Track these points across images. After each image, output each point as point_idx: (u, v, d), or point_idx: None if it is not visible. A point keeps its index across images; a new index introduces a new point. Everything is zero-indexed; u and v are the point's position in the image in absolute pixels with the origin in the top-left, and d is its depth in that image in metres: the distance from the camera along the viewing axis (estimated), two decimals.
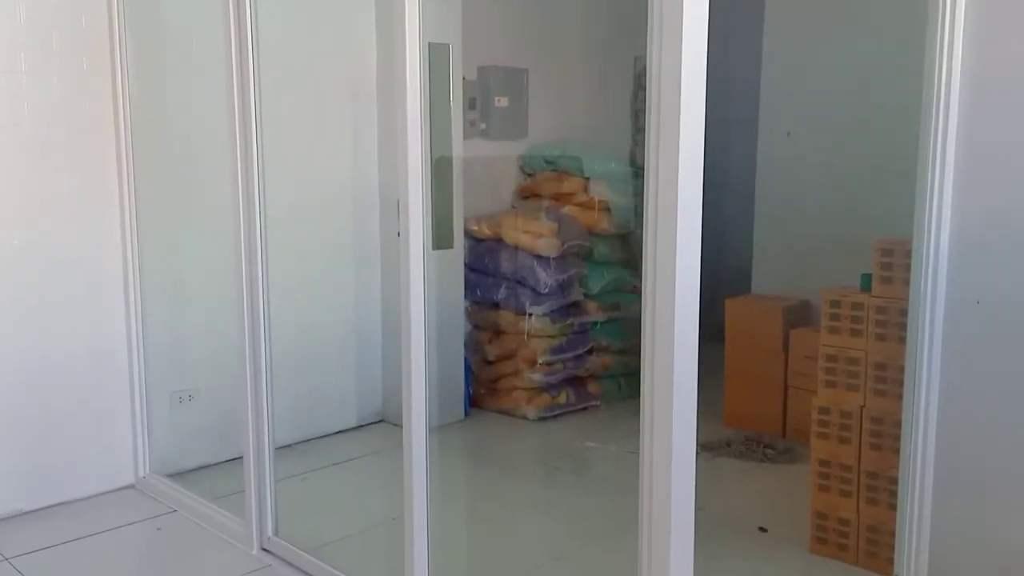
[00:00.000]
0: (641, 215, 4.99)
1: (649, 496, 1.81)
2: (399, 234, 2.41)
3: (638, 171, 4.99)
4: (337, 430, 4.11)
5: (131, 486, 3.46)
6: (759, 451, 3.84)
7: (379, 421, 4.25)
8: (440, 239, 3.80)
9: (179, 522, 3.16)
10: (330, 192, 4.02)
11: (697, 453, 3.99)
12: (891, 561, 2.65)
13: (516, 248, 4.27)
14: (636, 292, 4.77)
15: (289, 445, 3.89)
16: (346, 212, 4.10)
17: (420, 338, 2.49)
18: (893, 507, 2.65)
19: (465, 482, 3.64)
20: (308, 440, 3.98)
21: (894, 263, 2.67)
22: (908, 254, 2.56)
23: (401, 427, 2.50)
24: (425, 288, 2.48)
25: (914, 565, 2.57)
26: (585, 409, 4.44)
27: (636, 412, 4.66)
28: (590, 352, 4.45)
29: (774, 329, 4.04)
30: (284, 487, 3.28)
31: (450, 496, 3.42)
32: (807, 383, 3.90)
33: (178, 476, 3.46)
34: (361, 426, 4.20)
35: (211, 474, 3.52)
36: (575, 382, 4.43)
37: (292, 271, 3.74)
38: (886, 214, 3.48)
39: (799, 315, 4.09)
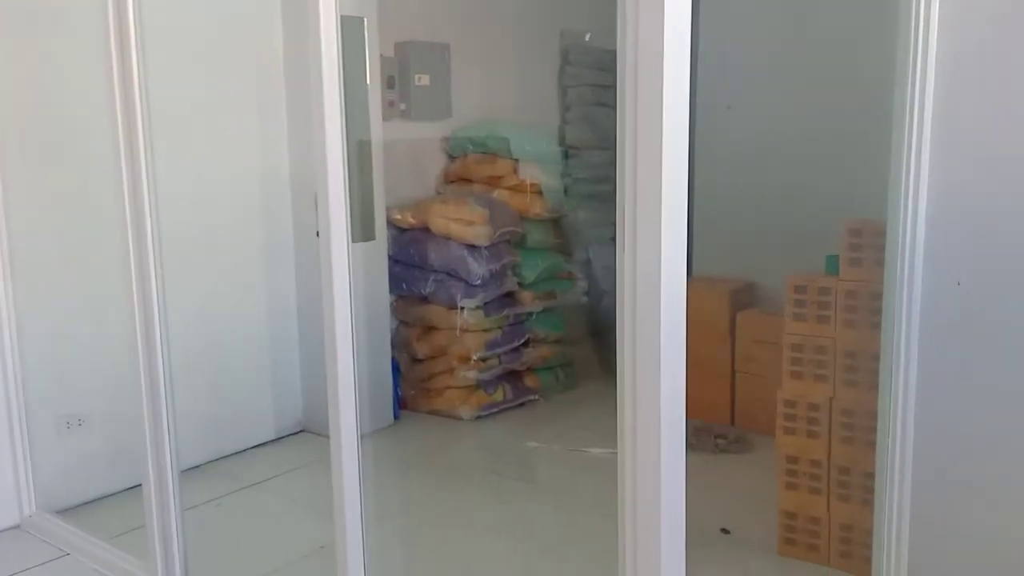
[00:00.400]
0: (574, 197, 4.63)
1: (632, 506, 1.54)
2: (318, 233, 2.11)
3: (568, 151, 4.72)
4: (253, 444, 3.73)
5: (15, 527, 3.01)
6: (710, 441, 3.64)
7: (300, 431, 3.89)
8: (361, 230, 3.50)
9: (72, 568, 2.74)
10: (235, 184, 3.62)
11: None
12: (867, 561, 2.46)
13: (444, 237, 3.95)
14: (571, 278, 4.54)
15: (198, 466, 3.50)
16: (254, 205, 3.70)
17: (347, 339, 2.19)
18: (867, 504, 2.47)
19: (401, 497, 3.32)
20: (221, 458, 3.59)
21: (864, 243, 2.47)
22: (879, 234, 2.36)
23: (325, 436, 2.22)
24: (350, 285, 2.19)
25: (894, 565, 2.40)
26: (523, 405, 4.17)
27: (576, 404, 4.40)
28: (526, 344, 4.18)
29: (720, 312, 3.85)
30: (194, 517, 2.90)
31: (385, 515, 3.11)
32: (756, 368, 3.74)
33: (70, 512, 3.04)
34: (280, 438, 3.83)
35: (108, 507, 3.11)
36: (512, 377, 4.15)
37: (194, 273, 3.38)
38: (837, 190, 3.30)
39: (745, 297, 3.90)
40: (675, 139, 1.36)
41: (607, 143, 5.07)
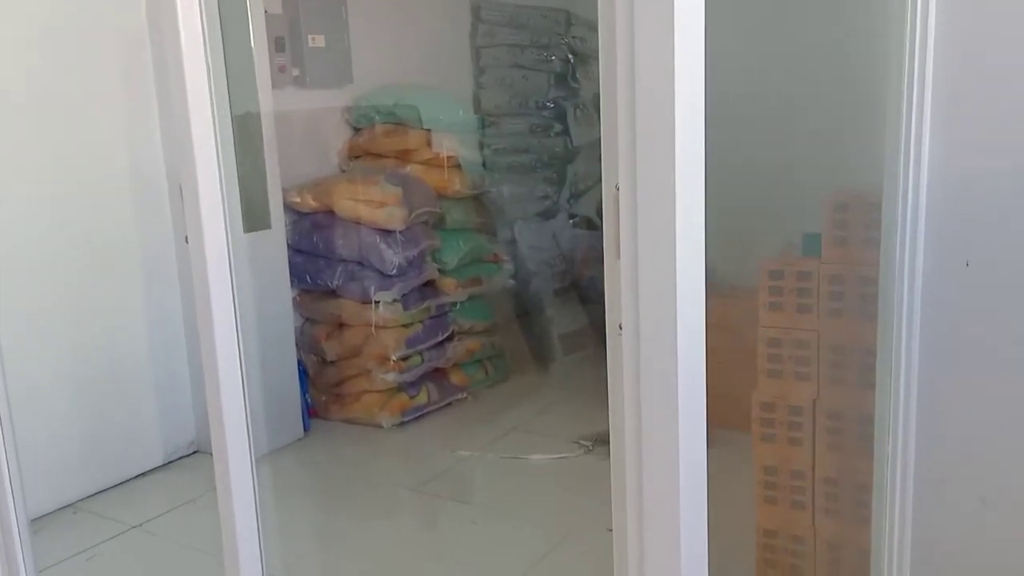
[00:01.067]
0: (494, 171, 4.06)
1: (638, 540, 1.15)
2: (186, 239, 1.64)
3: (485, 119, 4.27)
4: (138, 473, 3.19)
5: None
6: None
7: (193, 452, 3.36)
8: (252, 218, 2.98)
9: None
10: (95, 180, 3.02)
11: (589, 448, 3.32)
12: None
13: (352, 222, 3.45)
14: (497, 261, 4.11)
15: (71, 504, 2.96)
16: (123, 203, 3.11)
17: (229, 345, 1.79)
18: (859, 520, 2.16)
19: (314, 528, 2.84)
20: (99, 493, 3.05)
21: (850, 219, 2.11)
22: (870, 207, 2.01)
23: None
24: (233, 281, 1.77)
25: None
26: (450, 405, 3.74)
27: (509, 401, 3.95)
28: (451, 338, 3.73)
29: None
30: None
31: (295, 552, 2.64)
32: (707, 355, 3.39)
33: None
34: (170, 462, 3.29)
35: None
36: (436, 375, 3.71)
37: (49, 288, 2.85)
38: (800, 156, 2.96)
39: None
40: (690, 103, 0.94)
41: (526, 109, 4.64)
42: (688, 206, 0.96)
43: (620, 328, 1.04)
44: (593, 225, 4.47)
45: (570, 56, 4.24)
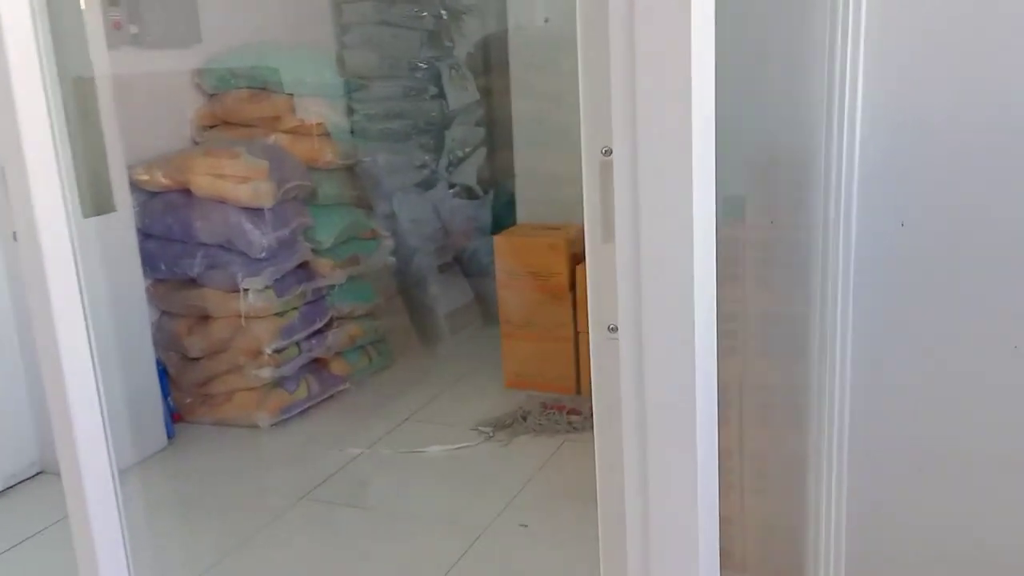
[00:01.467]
0: (366, 139, 3.71)
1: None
2: (14, 236, 1.36)
3: (353, 82, 3.93)
4: None
5: None
6: (563, 420, 3.13)
7: (37, 474, 2.92)
8: (93, 202, 2.61)
9: None
10: None
11: (489, 435, 3.10)
12: (797, 567, 2.06)
13: (212, 200, 3.06)
14: (376, 237, 3.81)
15: None
16: None
17: (77, 348, 1.57)
18: (792, 496, 2.05)
19: (191, 556, 2.50)
20: None
21: (777, 180, 1.97)
22: (799, 167, 1.88)
23: None
24: (80, 276, 1.56)
25: (832, 566, 2.01)
26: (332, 398, 3.43)
27: (397, 388, 3.65)
28: (330, 324, 3.42)
29: (557, 265, 3.32)
30: None
31: None
32: None
33: None
34: (9, 488, 2.84)
35: None
36: (315, 366, 3.39)
37: None
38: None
39: (583, 245, 3.39)
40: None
41: (397, 71, 4.32)
42: (703, 171, 0.73)
43: (611, 330, 0.81)
44: (474, 194, 4.23)
45: (443, 12, 3.95)
